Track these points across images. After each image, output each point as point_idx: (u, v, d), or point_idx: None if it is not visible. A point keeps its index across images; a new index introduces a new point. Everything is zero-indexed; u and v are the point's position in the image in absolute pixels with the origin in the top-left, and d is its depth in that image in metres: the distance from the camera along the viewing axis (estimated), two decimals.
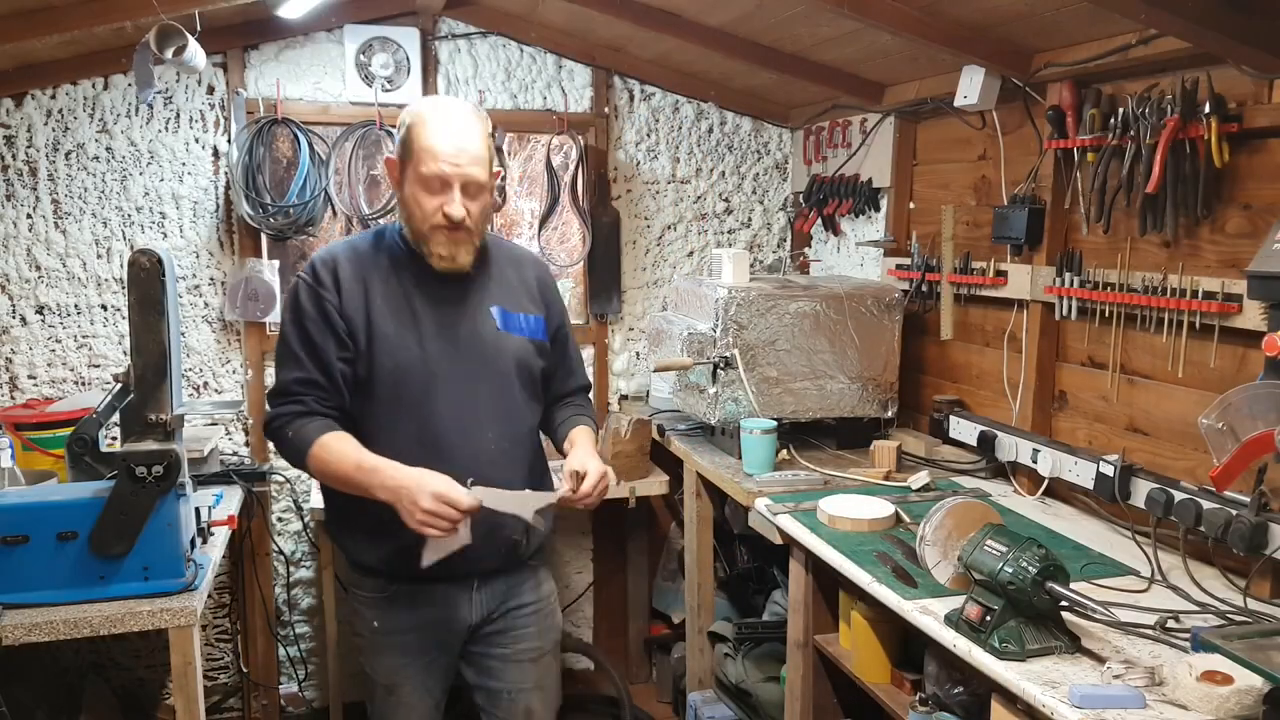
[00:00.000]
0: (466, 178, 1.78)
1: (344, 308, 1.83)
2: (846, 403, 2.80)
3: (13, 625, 1.89)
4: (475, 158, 1.79)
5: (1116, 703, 1.40)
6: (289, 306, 1.88)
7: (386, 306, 1.85)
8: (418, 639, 1.97)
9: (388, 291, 1.86)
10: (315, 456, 1.80)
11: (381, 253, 1.90)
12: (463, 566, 1.84)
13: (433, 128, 1.79)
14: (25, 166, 2.99)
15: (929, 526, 1.78)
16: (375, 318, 1.84)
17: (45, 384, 3.08)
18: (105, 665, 3.18)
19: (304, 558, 3.37)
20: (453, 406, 1.86)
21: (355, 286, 1.85)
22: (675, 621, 3.43)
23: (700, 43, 2.90)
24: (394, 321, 1.85)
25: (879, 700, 2.07)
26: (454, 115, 1.81)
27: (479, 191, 1.82)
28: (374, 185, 3.28)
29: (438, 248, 1.82)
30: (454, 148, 1.77)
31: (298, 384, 1.83)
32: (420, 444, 1.83)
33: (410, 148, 1.80)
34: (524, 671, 2.04)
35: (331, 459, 1.79)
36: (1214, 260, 2.02)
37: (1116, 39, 2.09)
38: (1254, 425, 1.67)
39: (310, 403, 1.83)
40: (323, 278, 1.85)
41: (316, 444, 1.80)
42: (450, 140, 1.78)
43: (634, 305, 3.63)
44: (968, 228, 2.77)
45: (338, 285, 1.84)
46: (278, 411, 1.85)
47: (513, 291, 1.97)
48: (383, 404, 1.85)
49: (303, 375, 1.83)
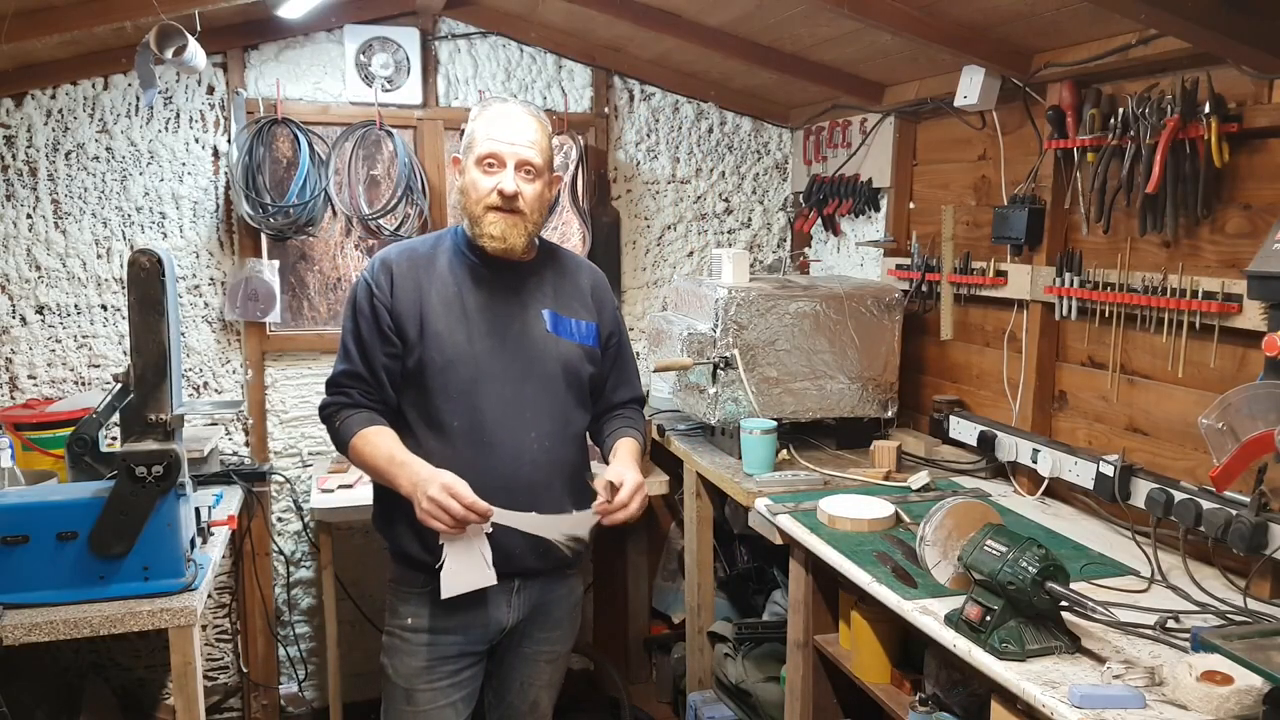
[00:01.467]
0: (520, 157, 1.87)
1: (396, 306, 1.91)
2: (846, 403, 2.80)
3: (13, 625, 1.89)
4: (530, 142, 1.89)
5: (1116, 703, 1.40)
6: (349, 302, 1.97)
7: (440, 304, 1.92)
8: (450, 642, 1.97)
9: (442, 289, 1.93)
10: (355, 448, 1.90)
11: (440, 253, 1.98)
12: (504, 565, 1.89)
13: (493, 116, 1.90)
14: (25, 166, 2.99)
15: (929, 526, 1.78)
16: (428, 314, 1.91)
17: (45, 384, 3.08)
18: (105, 665, 3.18)
19: (304, 558, 3.37)
20: (498, 403, 1.90)
21: (409, 284, 1.92)
22: (675, 621, 3.43)
23: (700, 43, 2.90)
24: (446, 318, 1.91)
25: (879, 700, 2.07)
26: (512, 108, 1.93)
27: (534, 175, 1.90)
28: (374, 185, 3.28)
29: (490, 228, 1.88)
30: (511, 129, 1.88)
31: (345, 376, 1.93)
32: (465, 437, 1.89)
33: (471, 137, 1.91)
34: (541, 670, 2.11)
35: (368, 450, 1.88)
36: (1214, 260, 2.02)
37: (1116, 39, 2.09)
38: (1254, 425, 1.66)
39: (355, 395, 1.93)
40: (379, 277, 1.93)
41: (357, 436, 1.89)
42: (508, 123, 1.89)
43: (634, 305, 3.63)
44: (968, 228, 2.77)
45: (392, 284, 1.92)
46: (328, 401, 1.97)
47: (565, 296, 2.02)
48: (432, 397, 1.90)
49: (350, 369, 1.93)
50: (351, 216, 3.25)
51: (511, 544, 1.90)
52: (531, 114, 1.93)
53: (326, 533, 2.91)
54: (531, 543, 1.91)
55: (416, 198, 3.19)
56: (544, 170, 1.92)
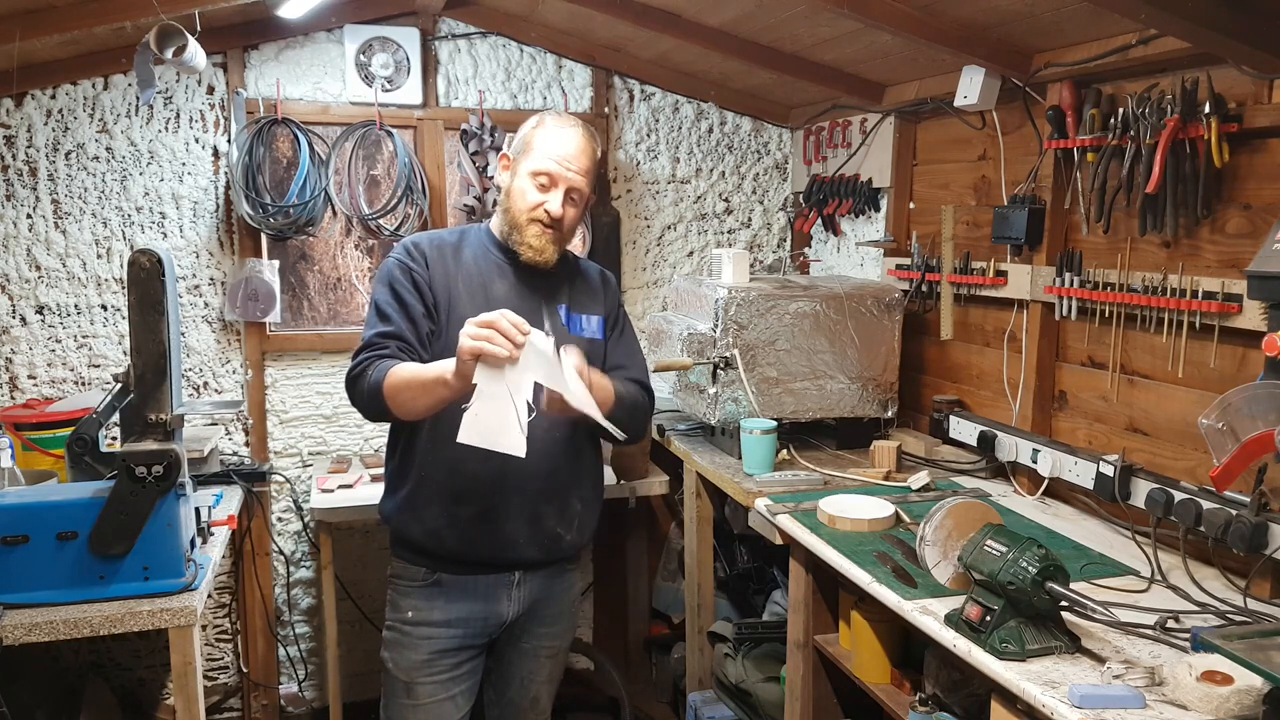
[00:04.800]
0: (571, 183, 1.95)
1: (432, 281, 1.96)
2: (846, 403, 2.80)
3: (13, 625, 1.89)
4: (584, 169, 1.96)
5: (1116, 703, 1.40)
6: (380, 280, 1.97)
7: (466, 290, 1.97)
8: (450, 636, 1.99)
9: (468, 277, 1.99)
10: (391, 379, 1.79)
11: (465, 245, 2.04)
12: (507, 554, 1.94)
13: (554, 132, 1.96)
14: (25, 166, 2.99)
15: (929, 526, 1.78)
16: (455, 298, 1.96)
17: (45, 384, 3.08)
18: (105, 665, 3.18)
19: (304, 558, 3.37)
20: None
21: (440, 267, 1.98)
22: (675, 621, 3.43)
23: (700, 43, 2.90)
24: (471, 305, 1.93)
25: (879, 700, 2.07)
26: (574, 129, 1.98)
27: (578, 201, 1.98)
28: (374, 185, 3.28)
29: (531, 239, 1.95)
30: (569, 153, 1.94)
31: (380, 336, 1.90)
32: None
33: (529, 144, 1.96)
34: (541, 665, 2.14)
35: (406, 374, 1.79)
36: (1214, 260, 2.02)
37: (1116, 39, 2.09)
38: (1254, 425, 1.66)
39: (393, 349, 1.88)
40: (414, 254, 1.98)
41: (392, 370, 1.81)
42: (567, 146, 1.94)
43: (634, 305, 3.63)
44: (968, 228, 2.77)
45: (426, 262, 1.97)
46: (359, 360, 1.87)
47: (579, 294, 2.10)
48: None
49: (387, 329, 1.91)
50: (351, 216, 3.25)
51: (514, 534, 1.95)
52: (590, 140, 1.99)
53: (326, 533, 2.91)
54: (532, 533, 1.96)
55: (416, 198, 3.19)
56: (587, 198, 2.01)
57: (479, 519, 1.94)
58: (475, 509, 1.93)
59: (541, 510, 1.98)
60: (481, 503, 1.93)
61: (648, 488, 3.14)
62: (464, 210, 3.26)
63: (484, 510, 1.94)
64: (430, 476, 1.95)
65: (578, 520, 2.05)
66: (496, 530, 1.95)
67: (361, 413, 1.92)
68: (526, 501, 1.95)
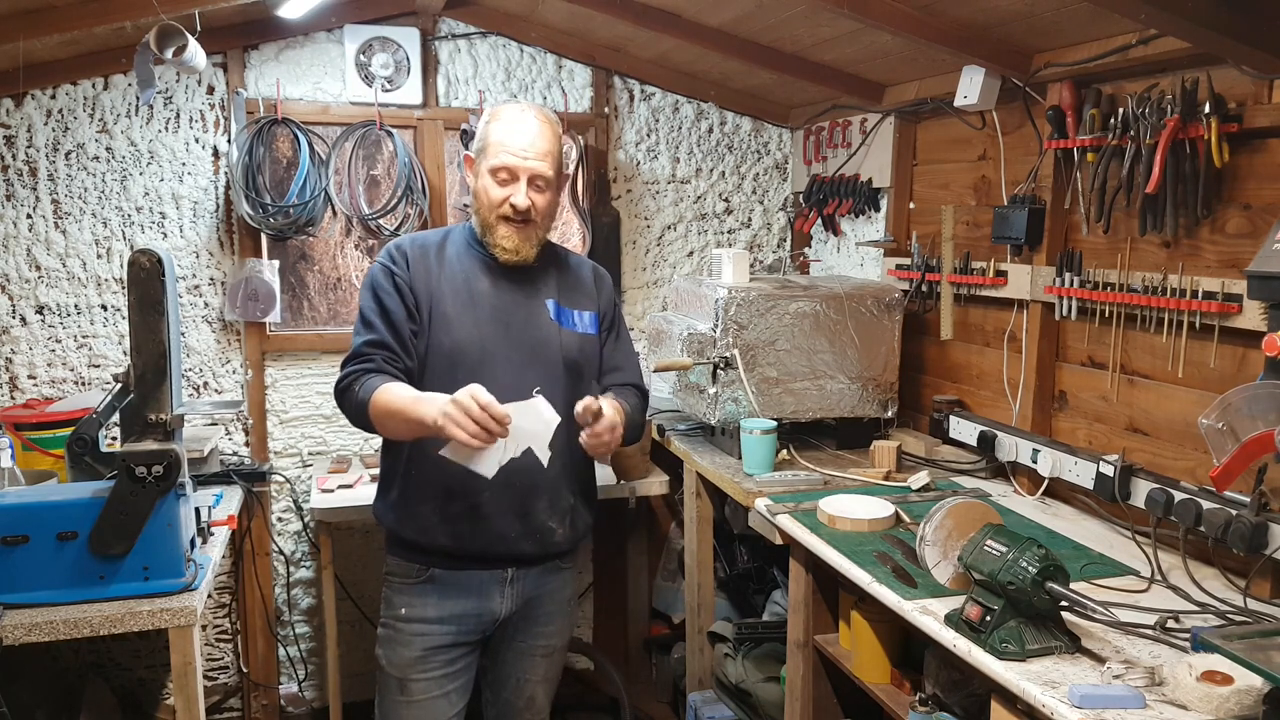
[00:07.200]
0: (533, 171, 1.92)
1: (413, 283, 1.96)
2: (846, 403, 2.80)
3: (13, 625, 1.89)
4: (543, 153, 1.93)
5: (1116, 703, 1.40)
6: (365, 286, 2.00)
7: (449, 290, 1.97)
8: (443, 633, 2.00)
9: (451, 276, 1.99)
10: (375, 401, 1.85)
11: (449, 244, 2.04)
12: (498, 549, 1.95)
13: (507, 124, 1.94)
14: (25, 166, 2.99)
15: (929, 526, 1.78)
16: (438, 298, 1.96)
17: (45, 384, 3.08)
18: (105, 665, 3.18)
19: (304, 558, 3.37)
20: (503, 387, 1.91)
21: (421, 269, 1.98)
22: (675, 621, 3.43)
23: (700, 43, 2.90)
24: (454, 303, 1.95)
25: (879, 700, 2.07)
26: (526, 115, 1.96)
27: (545, 187, 1.95)
28: (374, 185, 3.28)
29: (503, 240, 1.95)
30: (524, 143, 1.91)
31: (367, 345, 1.93)
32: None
33: (485, 141, 1.95)
34: (536, 665, 2.14)
35: (389, 397, 1.84)
36: (1214, 260, 2.02)
37: (1116, 39, 2.09)
38: (1254, 425, 1.66)
39: (379, 361, 1.92)
40: (395, 257, 1.99)
41: (378, 390, 1.86)
42: (521, 136, 1.92)
43: (634, 305, 3.63)
44: (968, 228, 2.77)
45: (407, 264, 1.98)
46: (347, 372, 1.93)
47: (569, 288, 2.09)
48: (439, 379, 1.92)
49: (374, 338, 1.94)
50: (351, 216, 3.25)
51: (505, 529, 1.95)
52: (544, 119, 1.96)
53: (326, 533, 2.91)
54: (524, 528, 1.97)
55: (416, 198, 3.19)
56: (555, 180, 1.98)
57: (470, 514, 1.95)
58: (466, 504, 1.94)
59: (532, 504, 1.98)
60: (472, 498, 1.93)
61: (648, 488, 3.14)
62: (464, 210, 3.26)
63: (474, 505, 1.94)
64: (421, 473, 1.96)
65: (570, 514, 2.05)
66: (487, 525, 1.95)
67: (351, 423, 1.96)
68: (517, 496, 1.95)
